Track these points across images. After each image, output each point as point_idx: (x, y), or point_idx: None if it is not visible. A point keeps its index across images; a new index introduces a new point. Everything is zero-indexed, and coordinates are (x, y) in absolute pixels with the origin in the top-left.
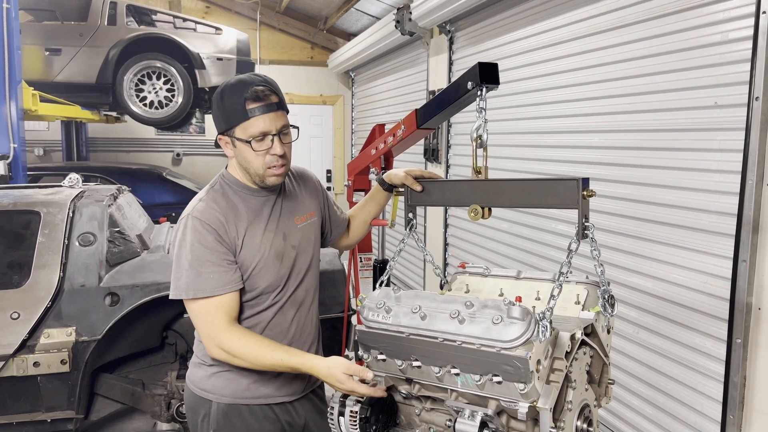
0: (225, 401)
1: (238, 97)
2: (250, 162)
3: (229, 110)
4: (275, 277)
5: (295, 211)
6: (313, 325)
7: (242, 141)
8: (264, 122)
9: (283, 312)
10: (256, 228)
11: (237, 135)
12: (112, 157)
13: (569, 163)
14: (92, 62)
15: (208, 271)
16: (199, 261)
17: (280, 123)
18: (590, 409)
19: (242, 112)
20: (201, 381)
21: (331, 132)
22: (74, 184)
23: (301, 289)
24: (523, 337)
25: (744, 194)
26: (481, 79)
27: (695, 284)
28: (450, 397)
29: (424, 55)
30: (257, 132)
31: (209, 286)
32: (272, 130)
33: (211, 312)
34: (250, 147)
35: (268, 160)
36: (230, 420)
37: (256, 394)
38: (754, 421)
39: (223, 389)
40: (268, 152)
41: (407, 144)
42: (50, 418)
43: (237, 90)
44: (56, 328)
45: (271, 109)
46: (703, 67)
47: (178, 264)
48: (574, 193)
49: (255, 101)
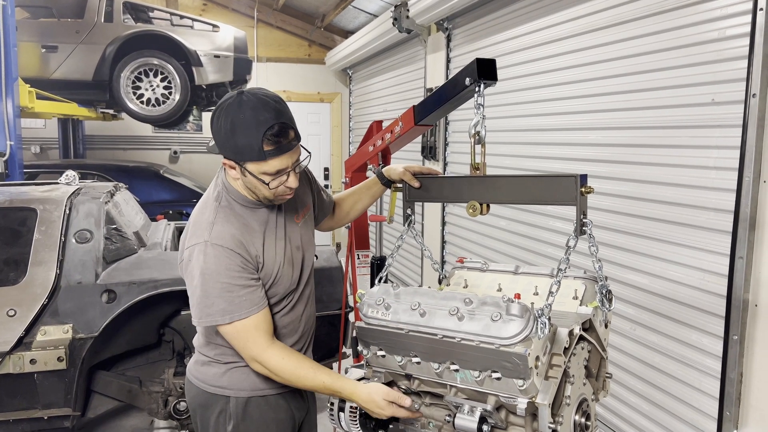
0: (244, 395)
1: (253, 137)
2: (260, 190)
3: (243, 147)
4: (290, 282)
5: (294, 210)
6: (313, 310)
7: (254, 176)
8: (281, 162)
9: (295, 310)
10: (269, 240)
11: (249, 168)
12: (109, 155)
13: (567, 161)
14: (89, 59)
15: (240, 294)
16: (230, 286)
17: (295, 156)
18: (588, 403)
19: (258, 153)
20: (215, 378)
21: (329, 130)
22: (71, 181)
23: (308, 285)
24: (522, 333)
25: (741, 191)
26: (479, 74)
27: (692, 281)
28: (449, 393)
29: (421, 53)
30: (273, 171)
31: (245, 308)
32: (288, 166)
33: (252, 332)
34: (262, 182)
35: (280, 190)
36: (249, 412)
37: (270, 385)
38: (750, 417)
39: (241, 383)
40: (284, 185)
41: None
42: (47, 415)
43: (252, 128)
44: (53, 326)
45: (290, 148)
46: (701, 64)
47: (206, 292)
48: (572, 189)
49: (273, 144)
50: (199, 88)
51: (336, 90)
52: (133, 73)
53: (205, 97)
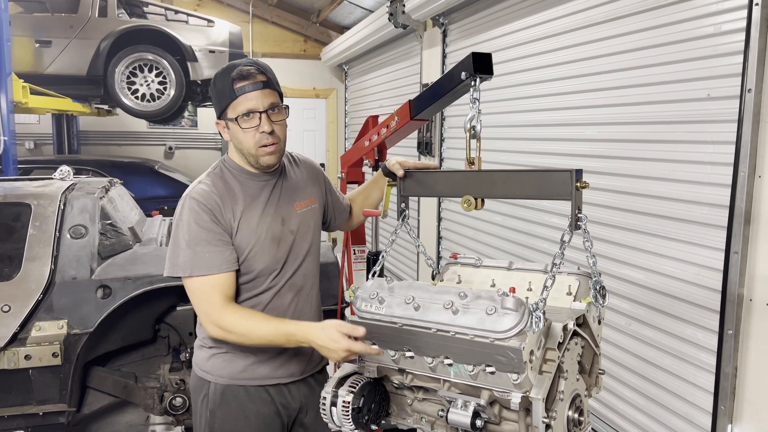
0: (222, 382)
1: (226, 78)
2: (242, 142)
3: (220, 92)
4: (271, 260)
5: (295, 197)
6: (312, 310)
7: (232, 120)
8: (250, 100)
9: (280, 296)
10: (252, 211)
11: (228, 116)
12: (104, 151)
13: (563, 156)
14: (83, 54)
15: (204, 250)
16: (196, 240)
17: (267, 101)
18: (581, 398)
19: (230, 92)
20: (202, 362)
21: (324, 125)
22: (65, 177)
23: (299, 275)
24: (517, 327)
25: (736, 186)
26: (475, 69)
27: (687, 276)
28: (443, 388)
29: (417, 48)
30: (244, 109)
31: (205, 265)
32: (259, 107)
33: (207, 291)
34: (239, 125)
35: (258, 138)
36: (227, 400)
37: (252, 376)
38: (744, 411)
39: (221, 370)
40: (257, 130)
41: (401, 135)
42: (42, 411)
43: (226, 72)
44: (48, 321)
45: (258, 87)
46: (696, 59)
47: (176, 242)
48: (567, 184)
49: (241, 80)
50: (194, 84)
51: (332, 86)
52: (128, 68)
53: (200, 92)
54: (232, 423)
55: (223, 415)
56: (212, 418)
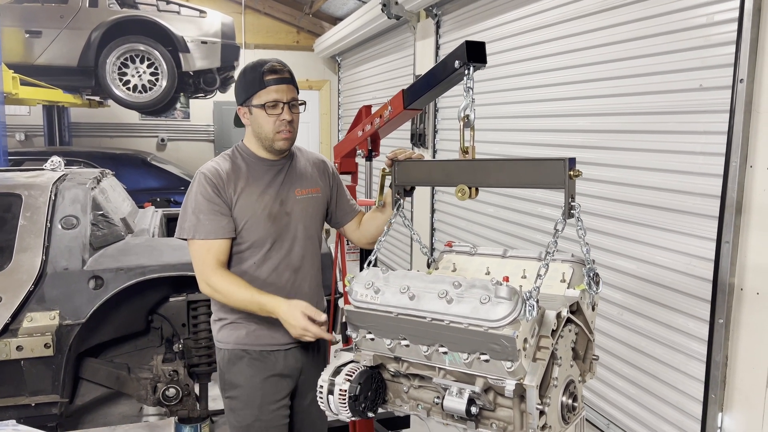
0: (229, 347)
1: (257, 70)
2: (263, 126)
3: (249, 82)
4: (264, 234)
5: (298, 184)
6: (311, 291)
7: (258, 107)
8: (277, 92)
9: (278, 273)
10: (253, 188)
11: (254, 103)
12: (96, 143)
13: (555, 147)
14: (74, 45)
15: (205, 218)
16: (199, 209)
17: (290, 95)
18: (575, 384)
19: (260, 82)
20: (215, 334)
21: (318, 117)
22: (56, 168)
23: (296, 254)
24: (511, 316)
25: (728, 176)
26: (469, 57)
27: (679, 266)
28: (438, 375)
29: (410, 39)
30: (271, 99)
31: (205, 231)
32: (284, 98)
33: (204, 253)
34: (264, 112)
35: (278, 125)
36: (233, 364)
37: (254, 341)
38: (735, 399)
39: (228, 337)
40: (279, 118)
41: (394, 125)
42: (34, 402)
43: (257, 65)
44: (39, 312)
45: (284, 81)
46: (689, 49)
47: (185, 209)
48: (560, 172)
49: (271, 74)
50: (186, 75)
51: (325, 77)
52: (119, 59)
53: (193, 83)
54: (240, 381)
55: (232, 377)
56: (223, 381)
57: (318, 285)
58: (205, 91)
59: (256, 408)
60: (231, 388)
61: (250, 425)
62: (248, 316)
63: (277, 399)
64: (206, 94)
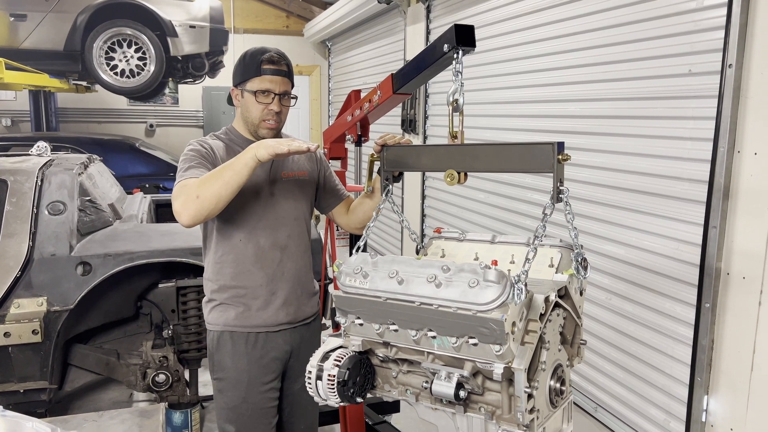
0: (218, 329)
1: (257, 57)
2: (250, 111)
3: (248, 66)
4: (251, 212)
5: (285, 167)
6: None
7: (249, 92)
8: (271, 82)
9: (264, 250)
10: None
11: (247, 87)
12: (83, 128)
13: (545, 133)
14: (59, 28)
15: (197, 165)
16: (190, 161)
17: (283, 87)
18: (563, 368)
19: (257, 69)
20: (206, 315)
21: (308, 103)
22: (42, 153)
23: (283, 234)
24: (499, 299)
25: (715, 161)
26: (458, 41)
27: (666, 251)
28: (426, 360)
29: (401, 24)
30: (264, 87)
31: (193, 174)
32: (276, 89)
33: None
34: (255, 98)
35: (264, 113)
36: (222, 345)
37: (243, 323)
38: (720, 382)
39: (217, 319)
40: (267, 107)
41: (384, 110)
42: (23, 388)
43: (258, 52)
44: (26, 298)
45: (280, 74)
46: (678, 34)
47: (180, 167)
48: (549, 157)
49: (269, 63)
50: (175, 60)
51: (315, 62)
52: (106, 43)
53: (181, 68)
54: (228, 362)
55: (220, 357)
56: (211, 362)
57: (307, 267)
58: (193, 76)
59: (244, 390)
60: (219, 369)
61: (237, 407)
62: (236, 296)
63: (266, 381)
64: (195, 79)
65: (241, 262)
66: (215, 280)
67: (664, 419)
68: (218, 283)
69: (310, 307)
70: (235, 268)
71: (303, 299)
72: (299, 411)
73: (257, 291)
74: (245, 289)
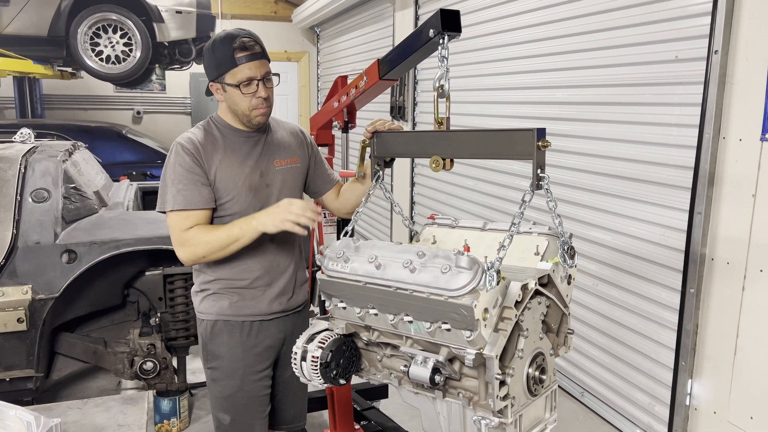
0: (212, 318)
1: (227, 47)
2: (238, 104)
3: (220, 59)
4: (246, 206)
5: (276, 155)
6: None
7: (231, 86)
8: (250, 69)
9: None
10: (231, 161)
11: (227, 81)
12: (69, 115)
13: (532, 119)
14: (43, 13)
15: (184, 188)
16: (178, 179)
17: (263, 70)
18: (544, 357)
19: (231, 61)
20: (197, 305)
21: (296, 90)
22: (26, 140)
23: None
24: (470, 285)
25: (701, 148)
26: (443, 26)
27: (652, 237)
28: (405, 344)
29: (389, 10)
30: (245, 77)
31: (184, 201)
32: (257, 75)
33: (182, 221)
34: (239, 91)
35: (254, 102)
36: (215, 333)
37: (236, 312)
38: (704, 367)
39: (210, 308)
40: (254, 95)
41: (370, 96)
42: (9, 377)
43: (226, 41)
44: (11, 287)
45: (256, 57)
46: (664, 21)
47: (164, 182)
48: (529, 143)
49: (242, 51)
50: (161, 45)
51: (303, 48)
52: (91, 28)
53: (168, 54)
54: (222, 351)
55: (214, 347)
56: (205, 352)
57: (300, 255)
58: (180, 62)
59: (238, 378)
60: (213, 358)
61: (232, 395)
62: (230, 287)
63: (259, 370)
64: (182, 65)
65: (237, 253)
66: (209, 272)
67: (649, 403)
68: (213, 274)
69: (302, 295)
70: (232, 260)
71: (297, 288)
72: (289, 398)
73: (254, 282)
74: (242, 281)
